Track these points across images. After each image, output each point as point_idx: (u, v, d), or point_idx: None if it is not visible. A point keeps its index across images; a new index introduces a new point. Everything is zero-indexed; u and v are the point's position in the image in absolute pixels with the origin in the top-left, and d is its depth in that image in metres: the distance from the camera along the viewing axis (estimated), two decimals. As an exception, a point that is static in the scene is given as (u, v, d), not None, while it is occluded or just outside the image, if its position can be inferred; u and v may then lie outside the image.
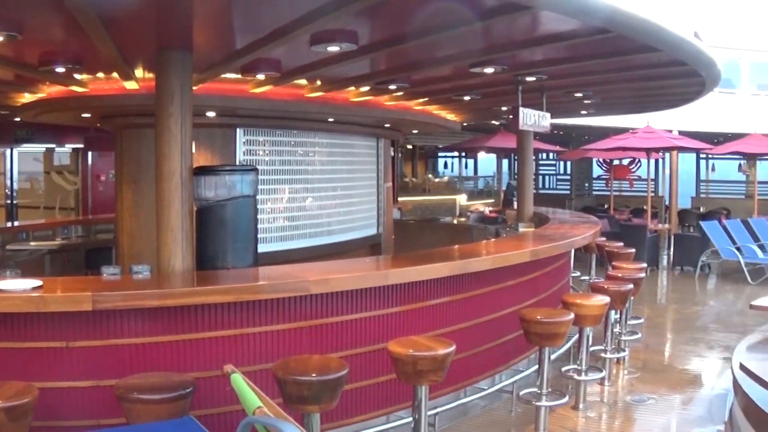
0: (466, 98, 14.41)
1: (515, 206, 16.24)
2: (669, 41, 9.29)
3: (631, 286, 10.61)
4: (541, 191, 36.98)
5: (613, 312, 10.61)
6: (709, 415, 9.18)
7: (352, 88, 12.67)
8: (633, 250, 13.74)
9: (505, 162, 29.32)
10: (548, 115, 13.69)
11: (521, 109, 12.69)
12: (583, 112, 19.03)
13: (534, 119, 13.11)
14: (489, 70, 10.65)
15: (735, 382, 8.55)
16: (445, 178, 39.67)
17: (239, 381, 4.67)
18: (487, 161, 37.38)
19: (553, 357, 10.50)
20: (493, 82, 12.37)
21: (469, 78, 11.59)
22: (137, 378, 5.79)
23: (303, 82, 11.86)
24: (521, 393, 9.02)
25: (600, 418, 9.20)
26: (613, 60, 10.41)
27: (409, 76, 11.67)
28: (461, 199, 33.21)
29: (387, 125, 16.35)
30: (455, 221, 22.48)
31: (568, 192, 35.84)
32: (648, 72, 11.90)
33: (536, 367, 8.73)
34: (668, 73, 11.91)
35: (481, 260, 8.87)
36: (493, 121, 23.70)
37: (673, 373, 11.35)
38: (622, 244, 14.37)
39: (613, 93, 14.69)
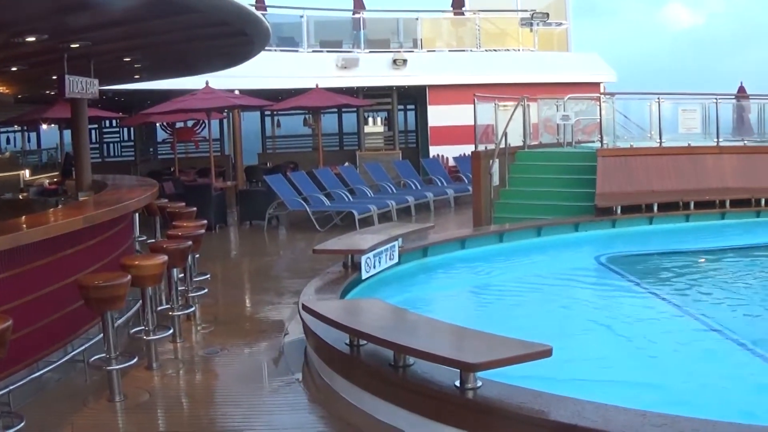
0: (14, 69, 13.99)
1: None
2: (205, 1, 9.47)
3: (190, 243, 10.73)
4: (108, 159, 36.31)
5: (176, 270, 10.67)
6: (286, 362, 9.48)
7: None
8: (194, 209, 13.86)
9: (67, 133, 28.54)
10: (96, 81, 13.55)
11: (67, 76, 12.48)
12: (137, 76, 18.96)
13: (81, 86, 12.95)
14: (31, 38, 10.40)
15: (304, 324, 8.95)
16: (7, 154, 38.17)
17: None
18: (51, 133, 36.29)
19: (123, 320, 10.51)
20: (38, 51, 12.09)
21: (13, 48, 11.27)
22: None
23: None
24: (91, 360, 8.94)
25: (177, 375, 9.30)
26: (156, 23, 10.47)
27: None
28: (25, 174, 32.13)
29: (-73, 103, 15.56)
30: (20, 197, 21.75)
31: (133, 158, 35.44)
32: (195, 33, 12.07)
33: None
34: (215, 33, 12.12)
35: (30, 232, 8.61)
36: (49, 92, 23.07)
37: (247, 323, 11.72)
38: (183, 204, 14.43)
39: (163, 56, 14.75)
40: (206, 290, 12.19)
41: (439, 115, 30.08)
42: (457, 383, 6.48)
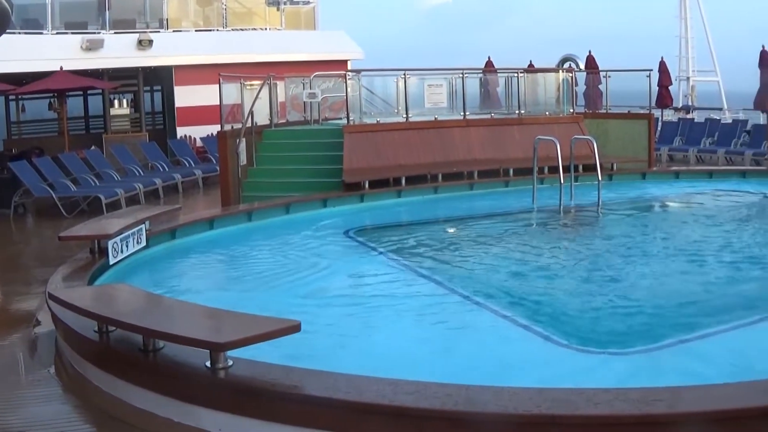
0: None
1: None
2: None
3: None
4: None
5: None
6: (38, 354, 9.29)
7: None
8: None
9: None
10: None
11: None
12: None
13: None
14: None
15: (53, 313, 8.86)
16: None
17: None
18: None
19: None
20: None
21: None
22: None
23: None
24: None
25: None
26: None
27: None
28: None
29: None
30: None
31: None
32: None
33: None
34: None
35: None
36: None
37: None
38: None
39: None
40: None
41: (185, 96, 29.93)
42: (208, 364, 6.62)
